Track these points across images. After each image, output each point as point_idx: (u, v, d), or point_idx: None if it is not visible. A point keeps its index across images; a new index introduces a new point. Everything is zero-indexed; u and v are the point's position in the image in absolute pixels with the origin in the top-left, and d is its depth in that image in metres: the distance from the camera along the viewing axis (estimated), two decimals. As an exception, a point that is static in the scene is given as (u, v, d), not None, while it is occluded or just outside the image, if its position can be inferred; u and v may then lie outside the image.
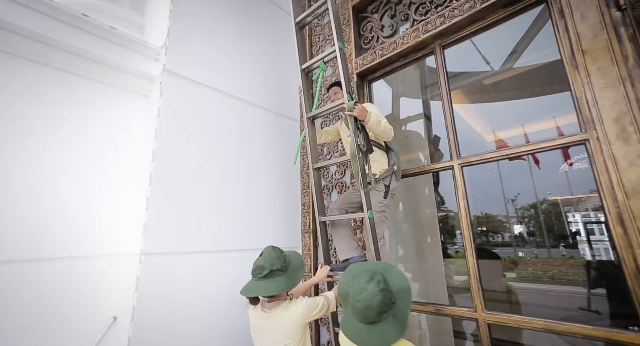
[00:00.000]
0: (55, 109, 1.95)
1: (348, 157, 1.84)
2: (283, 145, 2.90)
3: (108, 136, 2.14)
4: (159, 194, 1.94)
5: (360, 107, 1.80)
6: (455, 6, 2.12)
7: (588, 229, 15.97)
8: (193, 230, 2.07)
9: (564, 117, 7.55)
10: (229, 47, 2.66)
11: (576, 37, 1.59)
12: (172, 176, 2.04)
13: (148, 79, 2.33)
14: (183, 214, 2.04)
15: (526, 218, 19.17)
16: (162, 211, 1.93)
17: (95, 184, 2.02)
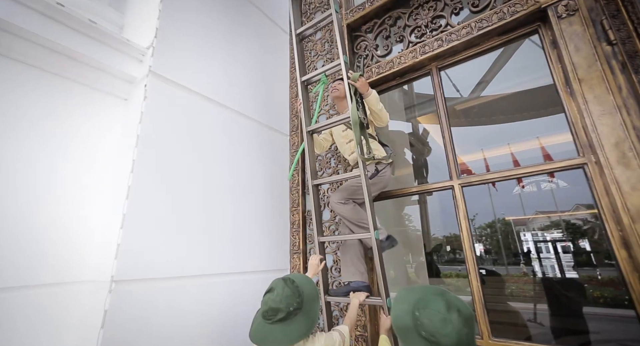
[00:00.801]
0: (12, 110, 1.66)
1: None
2: (272, 159, 2.75)
3: (80, 142, 1.86)
4: (137, 210, 1.69)
5: (364, 81, 1.82)
6: (452, 31, 2.19)
7: (538, 248, 17.23)
8: (174, 252, 1.82)
9: (527, 143, 8.25)
10: (219, 54, 2.52)
11: (572, 67, 1.68)
12: (153, 189, 1.80)
13: (129, 81, 2.10)
14: (163, 234, 1.79)
15: (484, 237, 20.31)
16: (140, 230, 1.68)
17: (59, 198, 1.71)
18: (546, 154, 9.34)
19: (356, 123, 1.73)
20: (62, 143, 1.80)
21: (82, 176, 1.83)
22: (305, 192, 2.74)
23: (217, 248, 2.08)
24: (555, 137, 8.31)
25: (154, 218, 1.76)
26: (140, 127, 1.81)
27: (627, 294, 1.43)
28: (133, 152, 1.76)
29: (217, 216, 2.14)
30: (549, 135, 8.90)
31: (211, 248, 2.04)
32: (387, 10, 2.73)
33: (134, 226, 1.65)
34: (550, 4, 1.82)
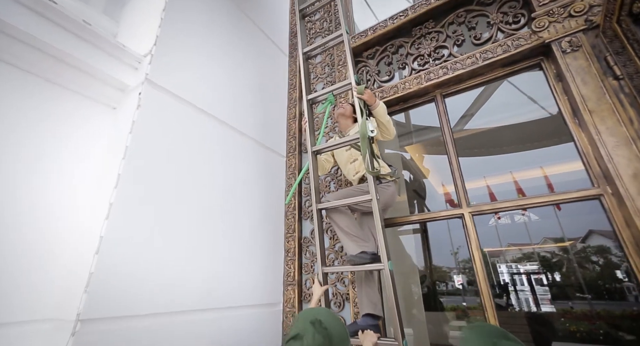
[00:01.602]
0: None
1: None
2: (267, 181, 2.58)
3: (59, 154, 1.63)
4: (117, 233, 1.44)
5: (370, 93, 1.80)
6: (457, 60, 2.23)
7: (513, 280, 17.49)
8: (156, 284, 1.55)
9: (517, 174, 8.58)
10: (219, 69, 2.42)
11: (581, 98, 1.70)
12: (138, 209, 1.57)
13: (121, 89, 1.93)
14: (145, 262, 1.53)
15: (466, 269, 20.47)
16: (119, 256, 1.42)
17: (22, 216, 1.44)
18: (519, 188, 9.74)
19: (365, 137, 1.66)
20: (45, 155, 1.56)
21: (64, 194, 1.58)
22: (302, 217, 2.56)
23: (206, 279, 1.82)
24: (533, 172, 8.73)
25: (136, 242, 1.51)
26: (130, 137, 1.61)
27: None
28: (119, 166, 1.55)
29: (207, 242, 1.91)
30: (525, 169, 9.36)
31: (199, 280, 1.78)
32: (389, 39, 2.79)
33: (112, 252, 1.40)
34: (554, 40, 1.89)
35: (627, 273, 14.90)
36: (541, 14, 1.98)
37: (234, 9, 2.78)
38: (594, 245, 17.82)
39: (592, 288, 15.33)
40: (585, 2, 1.87)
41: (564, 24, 1.89)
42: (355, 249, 1.67)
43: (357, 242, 1.69)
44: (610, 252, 17.77)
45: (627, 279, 15.83)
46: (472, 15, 2.39)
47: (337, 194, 1.87)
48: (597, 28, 1.78)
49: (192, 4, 2.33)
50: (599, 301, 13.66)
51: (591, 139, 1.66)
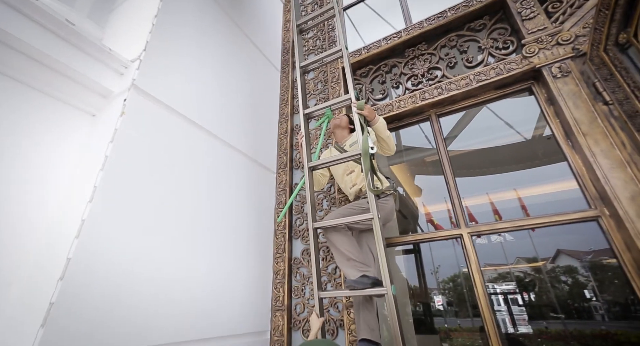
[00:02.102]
0: None
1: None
2: (257, 197, 2.45)
3: (29, 162, 1.44)
4: (89, 251, 1.26)
5: (369, 108, 1.75)
6: (452, 81, 2.26)
7: (491, 300, 17.73)
8: (132, 314, 1.36)
9: (479, 197, 8.80)
10: (210, 80, 2.33)
11: (574, 121, 1.74)
12: (114, 229, 1.39)
13: (103, 95, 1.78)
14: (117, 288, 1.34)
15: (446, 290, 20.56)
16: (89, 278, 1.23)
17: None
18: (495, 209, 10.03)
19: (366, 154, 1.59)
20: (13, 163, 1.37)
21: (30, 210, 1.38)
22: (292, 236, 2.42)
23: (185, 309, 1.63)
24: (508, 193, 9.01)
25: (111, 267, 1.33)
26: (111, 146, 1.46)
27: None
28: (96, 177, 1.38)
29: (190, 265, 1.73)
30: (499, 191, 9.69)
31: (181, 308, 1.59)
32: (382, 59, 2.82)
33: (80, 273, 1.21)
34: (544, 65, 1.96)
35: (594, 292, 15.70)
36: (530, 41, 2.06)
37: (228, 21, 2.74)
38: (562, 265, 18.76)
39: (564, 308, 15.80)
40: (571, 32, 1.97)
41: (553, 51, 1.97)
42: (355, 273, 1.56)
43: (357, 266, 1.58)
44: (577, 272, 18.92)
45: (595, 298, 16.78)
46: (464, 40, 2.47)
47: (335, 213, 1.78)
48: (585, 56, 1.86)
49: (185, 13, 2.26)
50: (570, 320, 14.04)
51: (586, 161, 1.68)
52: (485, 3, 2.38)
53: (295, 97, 3.17)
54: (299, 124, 2.98)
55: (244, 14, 3.02)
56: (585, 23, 1.97)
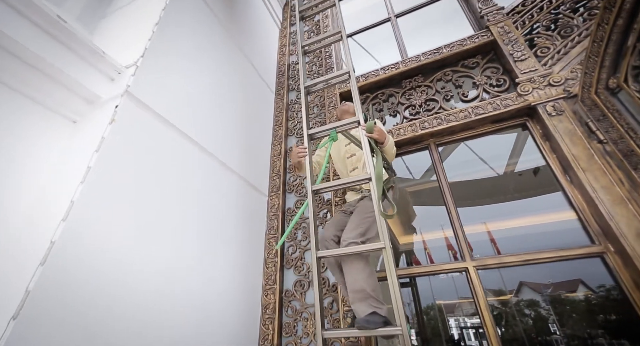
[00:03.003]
0: None
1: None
2: (248, 221, 2.26)
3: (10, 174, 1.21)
4: (50, 287, 1.02)
5: (379, 129, 1.66)
6: (451, 112, 2.31)
7: (462, 334, 17.72)
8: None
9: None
10: (207, 97, 2.21)
11: (572, 157, 1.80)
12: (89, 250, 1.17)
13: (89, 100, 1.60)
14: (71, 330, 1.10)
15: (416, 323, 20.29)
16: (48, 318, 0.99)
17: None
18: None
19: (380, 178, 1.52)
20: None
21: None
22: (284, 266, 2.23)
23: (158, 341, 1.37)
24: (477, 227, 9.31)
25: (75, 289, 1.09)
26: (96, 157, 1.27)
27: None
28: (74, 192, 1.18)
29: (168, 299, 1.49)
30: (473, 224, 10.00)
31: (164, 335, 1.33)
32: (380, 87, 2.87)
33: (39, 311, 0.96)
34: (539, 103, 2.05)
35: (557, 326, 16.26)
36: (524, 80, 2.18)
37: (227, 39, 2.69)
38: (526, 299, 19.52)
39: (530, 341, 16.11)
40: (561, 75, 2.11)
41: (546, 91, 2.08)
42: (365, 309, 1.40)
43: (371, 302, 1.43)
44: (539, 305, 19.65)
45: (557, 332, 17.33)
46: (458, 75, 2.58)
47: (333, 223, 1.66)
48: (576, 97, 1.98)
49: (186, 25, 2.18)
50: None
51: (587, 196, 1.71)
52: (478, 44, 2.53)
53: (290, 119, 3.11)
54: (292, 146, 2.89)
55: (242, 33, 3.00)
56: (573, 68, 2.12)
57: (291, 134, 2.98)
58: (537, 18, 2.46)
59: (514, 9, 2.59)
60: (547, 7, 2.48)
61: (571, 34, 2.26)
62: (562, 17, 2.39)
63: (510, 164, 3.40)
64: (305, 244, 2.25)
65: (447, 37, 2.85)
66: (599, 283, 1.85)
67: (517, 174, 2.74)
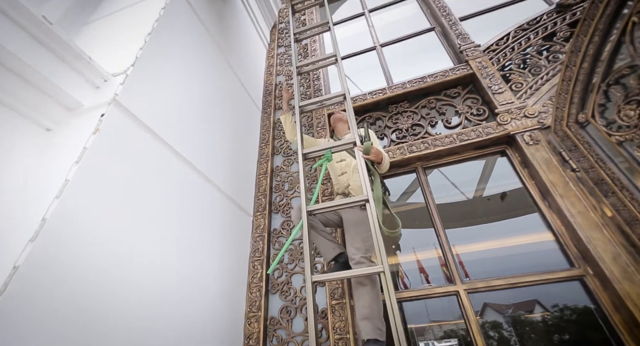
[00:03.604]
0: None
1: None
2: (231, 243, 2.13)
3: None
4: (8, 327, 0.87)
5: (376, 150, 1.71)
6: (437, 137, 2.41)
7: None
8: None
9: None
10: (196, 112, 2.13)
11: (550, 184, 1.92)
12: (59, 278, 1.02)
13: (68, 107, 1.47)
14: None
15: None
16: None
17: None
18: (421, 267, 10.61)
19: (379, 200, 1.57)
20: None
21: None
22: (269, 290, 2.10)
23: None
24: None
25: (35, 324, 0.93)
26: (76, 169, 1.14)
27: None
28: (48, 209, 1.04)
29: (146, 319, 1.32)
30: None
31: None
32: (367, 111, 2.95)
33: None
34: (517, 132, 2.20)
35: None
36: (502, 111, 2.34)
37: (218, 55, 2.66)
38: (490, 321, 20.23)
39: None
40: (535, 108, 2.29)
41: (522, 122, 2.25)
42: (369, 330, 1.35)
43: (374, 321, 1.38)
44: (502, 327, 20.48)
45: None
46: (442, 103, 2.72)
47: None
48: (549, 128, 2.15)
49: (179, 38, 2.13)
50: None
51: (566, 221, 1.81)
52: (459, 76, 2.71)
53: (277, 138, 3.08)
54: (279, 165, 2.84)
55: (233, 51, 2.99)
56: (544, 103, 2.32)
57: (278, 153, 2.93)
58: (510, 57, 2.70)
59: (489, 47, 2.83)
60: (518, 48, 2.74)
61: (540, 73, 2.50)
62: (530, 58, 2.65)
63: (484, 189, 3.56)
64: (292, 267, 2.15)
65: (430, 65, 3.05)
66: (575, 304, 1.92)
67: (486, 199, 2.91)
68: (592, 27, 1.89)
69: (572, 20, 2.72)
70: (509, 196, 2.37)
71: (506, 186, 2.53)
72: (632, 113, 1.65)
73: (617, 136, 1.71)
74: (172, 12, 2.12)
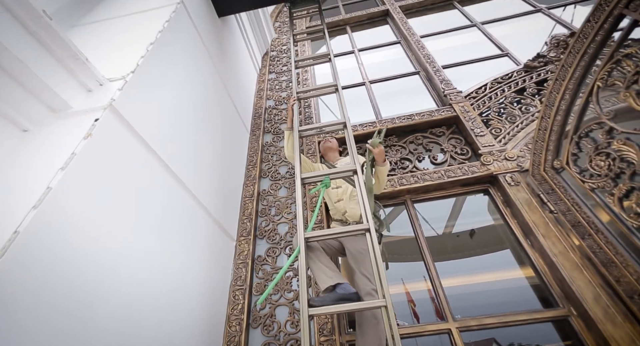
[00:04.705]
0: None
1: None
2: (214, 268, 1.94)
3: None
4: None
5: (382, 150, 1.83)
6: (426, 172, 2.49)
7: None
8: None
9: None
10: (189, 128, 2.03)
11: (533, 224, 2.02)
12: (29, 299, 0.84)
13: (53, 108, 1.32)
14: None
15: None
16: None
17: None
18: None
19: (371, 191, 1.70)
20: None
21: None
22: (250, 324, 1.91)
23: None
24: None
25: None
26: (61, 175, 1.00)
27: None
28: (23, 219, 0.87)
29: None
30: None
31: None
32: (357, 141, 2.96)
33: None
34: (500, 173, 2.35)
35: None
36: (485, 152, 2.50)
37: (215, 74, 2.63)
38: None
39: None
40: (514, 152, 2.48)
41: (504, 163, 2.41)
42: None
43: None
44: None
45: None
46: (428, 141, 2.86)
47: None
48: (528, 171, 2.32)
49: (180, 52, 2.08)
50: None
51: (548, 260, 1.89)
52: (444, 116, 2.90)
53: (264, 161, 3.01)
54: (266, 189, 2.74)
55: (228, 70, 2.98)
56: (521, 149, 2.52)
57: (265, 176, 2.85)
58: (488, 104, 2.96)
59: (470, 94, 3.09)
60: (494, 98, 3.02)
61: (515, 121, 2.75)
62: (505, 107, 2.92)
63: (453, 225, 3.66)
64: (276, 298, 1.99)
65: (414, 103, 3.25)
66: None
67: (455, 235, 3.03)
68: (563, 86, 2.12)
69: (538, 79, 3.08)
70: (489, 233, 2.47)
71: (487, 222, 2.64)
72: (602, 163, 1.82)
73: (590, 183, 1.87)
74: (175, 26, 2.08)
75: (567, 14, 4.26)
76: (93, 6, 2.48)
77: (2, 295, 0.78)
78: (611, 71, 1.82)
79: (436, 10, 5.00)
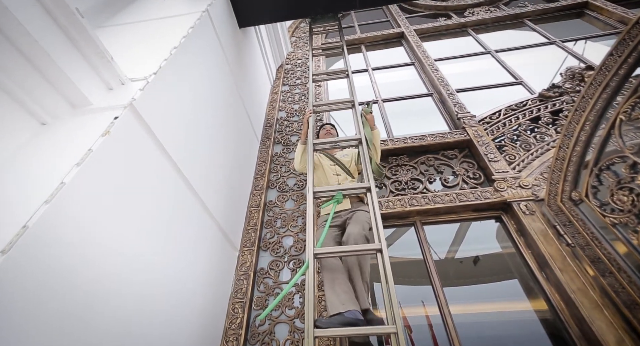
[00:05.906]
0: None
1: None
2: (215, 280, 1.87)
3: None
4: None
5: (373, 118, 2.07)
6: (437, 194, 2.44)
7: None
8: None
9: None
10: (203, 136, 2.01)
11: (549, 256, 1.94)
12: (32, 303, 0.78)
13: (73, 103, 1.31)
14: None
15: None
16: None
17: None
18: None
19: (371, 142, 2.00)
20: None
21: None
22: (247, 340, 1.81)
23: None
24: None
25: None
26: (76, 171, 0.96)
27: None
28: (34, 213, 0.83)
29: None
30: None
31: None
32: (367, 158, 2.98)
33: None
34: (514, 201, 2.29)
35: None
36: (499, 178, 2.45)
37: (233, 84, 2.65)
38: None
39: None
40: (529, 180, 2.43)
41: (518, 191, 2.35)
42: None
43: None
44: None
45: None
46: (440, 163, 2.82)
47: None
48: (543, 201, 2.26)
49: (201, 59, 2.10)
50: None
51: (566, 297, 1.80)
52: (457, 139, 2.88)
53: (273, 172, 2.97)
54: (273, 200, 2.69)
55: (245, 80, 3.00)
56: (536, 177, 2.47)
57: (273, 187, 2.81)
58: (502, 130, 2.94)
59: (484, 119, 3.08)
60: (509, 124, 3.00)
61: (530, 149, 2.72)
62: (520, 134, 2.90)
63: (456, 250, 3.54)
64: (277, 314, 1.89)
65: (426, 125, 3.24)
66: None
67: (459, 261, 2.92)
68: (583, 117, 2.09)
69: (553, 109, 3.08)
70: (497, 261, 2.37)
71: (492, 250, 2.54)
72: (625, 199, 1.76)
73: (612, 218, 1.81)
74: (198, 33, 2.11)
75: (578, 47, 4.31)
76: (119, 9, 2.54)
77: (9, 290, 0.72)
78: (635, 105, 1.79)
79: (450, 36, 5.10)
